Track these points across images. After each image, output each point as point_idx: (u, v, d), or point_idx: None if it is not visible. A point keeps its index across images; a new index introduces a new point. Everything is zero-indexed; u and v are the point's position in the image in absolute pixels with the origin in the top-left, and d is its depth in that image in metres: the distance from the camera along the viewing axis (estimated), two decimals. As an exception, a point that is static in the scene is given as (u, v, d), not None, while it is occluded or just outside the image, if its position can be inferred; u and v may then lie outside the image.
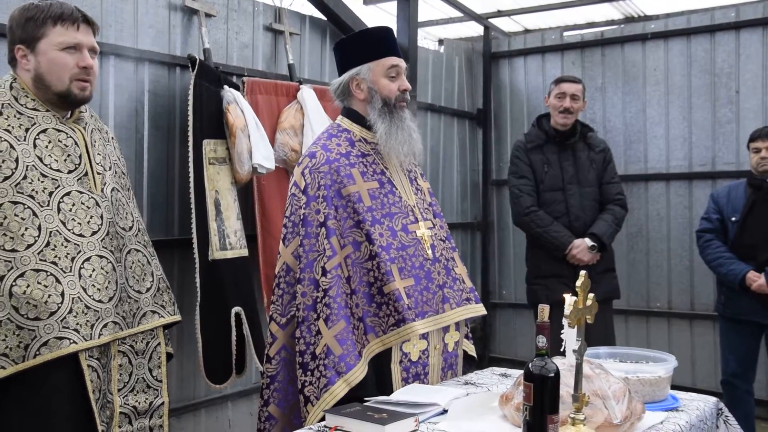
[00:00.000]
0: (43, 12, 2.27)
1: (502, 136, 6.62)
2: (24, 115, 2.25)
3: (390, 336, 2.45)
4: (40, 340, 2.12)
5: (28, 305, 2.11)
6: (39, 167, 2.21)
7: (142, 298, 2.43)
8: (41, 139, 2.25)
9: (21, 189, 2.17)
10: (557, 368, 1.85)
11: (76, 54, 2.30)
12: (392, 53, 2.66)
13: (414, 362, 2.52)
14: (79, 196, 2.27)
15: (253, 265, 4.00)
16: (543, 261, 4.40)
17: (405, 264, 2.51)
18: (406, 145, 2.62)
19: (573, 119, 4.39)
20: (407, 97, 2.68)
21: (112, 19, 3.60)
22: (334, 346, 2.37)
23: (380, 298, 2.47)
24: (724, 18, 5.59)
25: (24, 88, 2.29)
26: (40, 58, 2.27)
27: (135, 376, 2.42)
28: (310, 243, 2.49)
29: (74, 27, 2.30)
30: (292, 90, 4.27)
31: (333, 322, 2.39)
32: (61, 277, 2.17)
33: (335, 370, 2.36)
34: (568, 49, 6.26)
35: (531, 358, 1.86)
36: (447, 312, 2.60)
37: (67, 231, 2.22)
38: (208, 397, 4.16)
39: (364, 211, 2.51)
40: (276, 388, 2.60)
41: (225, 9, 4.16)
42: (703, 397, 2.40)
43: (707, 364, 5.56)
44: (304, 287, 2.47)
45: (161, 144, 3.84)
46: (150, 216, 3.79)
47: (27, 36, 2.27)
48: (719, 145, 5.61)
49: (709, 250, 4.45)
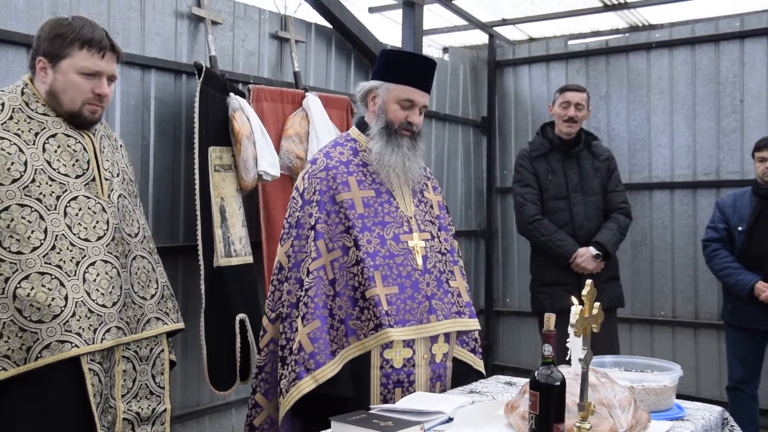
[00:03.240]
0: (73, 33, 2.27)
1: (507, 144, 6.63)
2: (34, 119, 2.26)
3: (369, 340, 2.51)
4: (42, 343, 2.12)
5: (32, 308, 2.12)
6: (47, 171, 2.23)
7: (147, 305, 2.44)
8: (50, 144, 2.26)
9: (29, 192, 2.18)
10: (563, 377, 1.85)
11: (94, 80, 2.31)
12: (418, 86, 2.67)
13: (397, 369, 2.56)
14: (86, 201, 2.28)
15: (257, 272, 4.01)
16: (547, 269, 4.39)
17: (390, 272, 2.56)
18: (398, 170, 2.65)
19: (577, 128, 4.39)
20: (414, 129, 2.69)
21: (120, 27, 3.62)
22: (305, 343, 2.47)
23: (363, 303, 2.53)
24: (728, 27, 5.60)
25: (35, 94, 2.30)
26: (58, 76, 2.28)
27: (138, 383, 2.42)
28: (300, 244, 2.61)
29: (100, 54, 2.30)
30: (297, 97, 4.29)
31: (308, 321, 2.49)
32: (65, 281, 2.18)
33: (304, 366, 2.46)
34: (572, 58, 6.27)
35: (534, 366, 1.87)
36: (432, 323, 2.61)
37: (73, 235, 2.23)
38: (212, 404, 4.16)
39: (355, 218, 2.57)
40: (263, 378, 2.73)
41: (231, 17, 4.18)
42: (708, 407, 2.39)
43: (711, 373, 5.55)
44: (290, 286, 2.60)
45: (167, 151, 3.86)
46: (155, 222, 3.80)
47: (51, 51, 2.28)
48: (723, 153, 5.61)
49: (717, 260, 4.45)
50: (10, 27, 3.21)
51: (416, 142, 2.72)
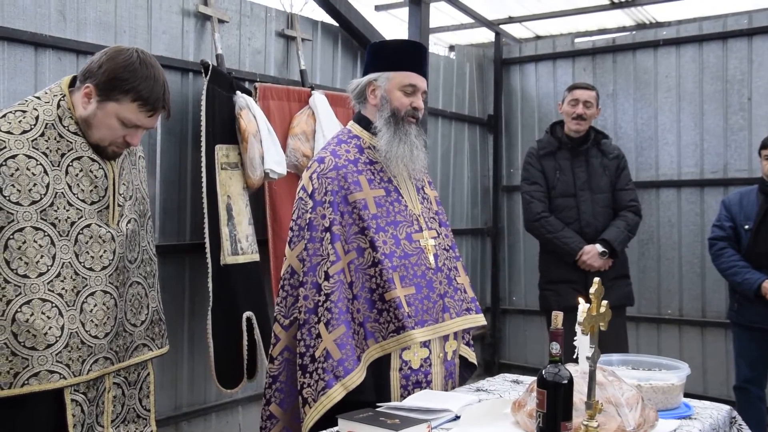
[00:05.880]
0: (133, 84, 2.20)
1: (513, 142, 6.62)
2: (64, 138, 2.21)
3: (389, 342, 2.46)
4: (31, 370, 2.10)
5: (28, 333, 2.09)
6: (67, 195, 2.19)
7: (137, 332, 2.41)
8: (74, 167, 2.22)
9: (45, 216, 2.15)
10: (571, 375, 1.85)
11: (131, 130, 2.27)
12: (415, 70, 2.64)
13: (415, 370, 2.53)
14: (97, 230, 2.25)
15: (264, 270, 4.01)
16: (554, 267, 4.39)
17: (407, 272, 2.53)
18: (406, 159, 2.61)
19: (586, 126, 4.39)
20: (418, 115, 2.66)
21: (126, 25, 3.63)
22: (333, 350, 2.40)
23: (381, 305, 2.48)
24: (736, 25, 5.57)
25: (70, 108, 2.24)
26: (99, 112, 2.22)
27: (126, 407, 2.42)
28: (315, 247, 2.51)
29: (149, 113, 2.26)
30: (303, 96, 4.29)
31: (333, 327, 2.42)
32: (64, 311, 2.16)
33: (333, 374, 2.38)
34: (579, 56, 6.26)
35: (541, 364, 1.87)
36: (447, 321, 2.60)
37: (79, 264, 2.20)
38: (219, 402, 4.17)
39: (369, 219, 2.52)
40: (278, 388, 2.64)
41: (238, 15, 4.18)
42: (716, 405, 2.39)
43: (719, 371, 5.54)
44: (307, 290, 2.50)
45: (174, 149, 3.86)
46: (162, 221, 3.81)
47: (105, 88, 2.21)
48: (731, 152, 5.59)
49: (723, 258, 4.43)
50: (18, 26, 3.22)
51: (421, 130, 2.69)
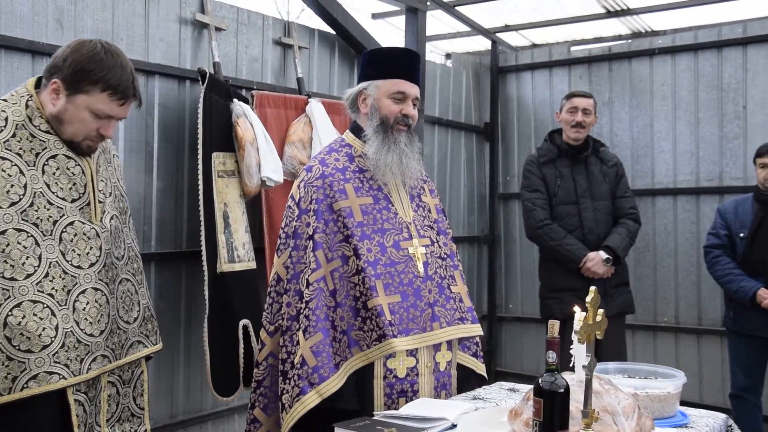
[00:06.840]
0: (101, 74, 2.16)
1: (509, 150, 6.63)
2: (36, 138, 2.18)
3: (372, 351, 2.45)
4: (29, 373, 2.07)
5: (22, 336, 2.06)
6: (46, 194, 2.16)
7: (130, 329, 2.39)
8: (50, 166, 2.19)
9: (26, 216, 2.11)
10: (567, 384, 1.85)
11: (104, 121, 2.22)
12: (406, 77, 2.63)
13: (401, 379, 2.51)
14: (81, 227, 2.22)
15: (261, 277, 4.01)
16: (556, 275, 4.39)
17: (392, 280, 2.51)
18: (394, 167, 2.59)
19: (585, 133, 4.41)
20: (409, 122, 2.64)
21: (124, 33, 3.63)
22: (308, 357, 2.41)
23: (365, 313, 2.47)
24: (731, 33, 5.60)
25: (39, 108, 2.20)
26: (69, 107, 2.18)
27: (121, 405, 2.39)
28: (298, 255, 2.54)
29: (120, 102, 2.21)
30: (300, 103, 4.30)
31: (310, 334, 2.43)
32: (56, 310, 2.13)
33: (308, 380, 2.40)
34: (575, 64, 6.28)
35: (537, 372, 1.87)
36: (436, 330, 2.57)
37: (66, 262, 2.18)
38: (215, 410, 4.16)
39: (354, 226, 2.52)
40: (262, 392, 2.67)
41: (235, 23, 4.19)
42: (712, 414, 2.39)
43: (715, 379, 5.54)
44: (290, 298, 2.54)
45: (171, 157, 3.86)
46: (159, 228, 3.80)
47: (72, 81, 2.16)
48: (726, 160, 5.61)
49: (718, 266, 4.44)
50: (15, 33, 3.22)
51: (413, 138, 2.66)
